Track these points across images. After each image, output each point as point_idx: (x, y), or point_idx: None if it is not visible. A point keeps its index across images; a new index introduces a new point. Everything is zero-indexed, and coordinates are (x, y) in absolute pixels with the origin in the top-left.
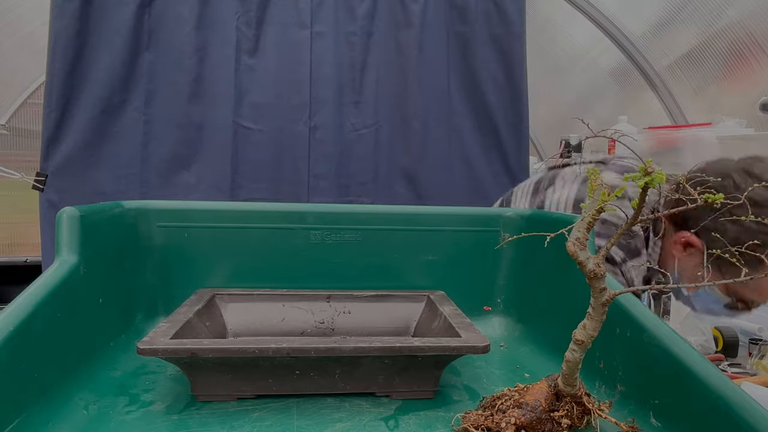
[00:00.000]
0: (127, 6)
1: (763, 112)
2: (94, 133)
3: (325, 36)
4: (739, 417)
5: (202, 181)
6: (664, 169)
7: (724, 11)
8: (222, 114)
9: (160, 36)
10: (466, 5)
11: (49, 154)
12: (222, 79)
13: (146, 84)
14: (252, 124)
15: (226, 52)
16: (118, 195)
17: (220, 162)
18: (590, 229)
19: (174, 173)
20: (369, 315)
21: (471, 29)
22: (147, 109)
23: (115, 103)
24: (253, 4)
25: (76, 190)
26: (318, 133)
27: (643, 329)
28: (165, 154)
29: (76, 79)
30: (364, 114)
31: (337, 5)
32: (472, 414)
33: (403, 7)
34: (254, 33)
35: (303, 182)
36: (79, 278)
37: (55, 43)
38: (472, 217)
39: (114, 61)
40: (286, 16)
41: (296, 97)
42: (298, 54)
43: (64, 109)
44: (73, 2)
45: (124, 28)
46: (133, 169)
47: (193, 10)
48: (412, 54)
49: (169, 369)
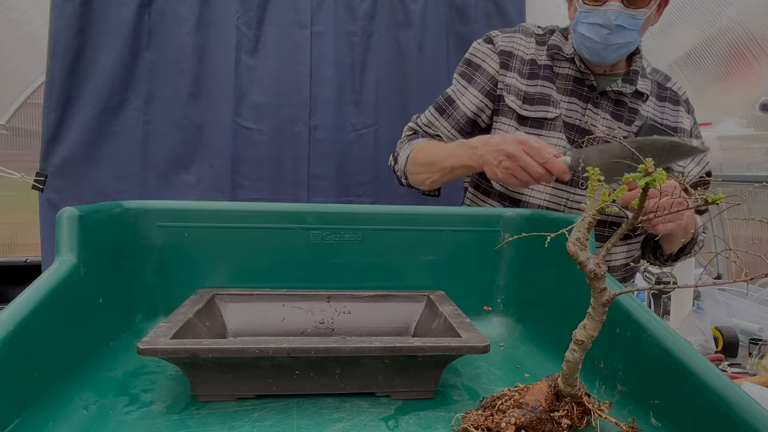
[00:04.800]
0: (127, 6)
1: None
2: (94, 133)
3: (325, 36)
4: (739, 417)
5: (202, 181)
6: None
7: (723, 11)
8: (222, 114)
9: (160, 36)
10: (466, 5)
11: (49, 154)
12: (222, 79)
13: (146, 84)
14: (252, 124)
15: (226, 52)
16: (118, 195)
17: (220, 162)
18: (590, 229)
19: (174, 173)
20: (369, 315)
21: (471, 29)
22: (147, 109)
23: (115, 103)
24: (253, 4)
25: (76, 190)
26: (318, 133)
27: (643, 329)
28: (165, 154)
29: (76, 79)
30: (364, 114)
31: (337, 5)
32: (472, 414)
33: (403, 7)
34: (254, 33)
35: (303, 182)
36: (78, 278)
37: (55, 43)
38: (472, 217)
39: (114, 61)
40: (286, 16)
41: (296, 97)
42: (298, 54)
43: (64, 109)
44: (73, 2)
45: (124, 28)
46: (133, 169)
47: (193, 10)
48: (412, 54)
49: (169, 369)
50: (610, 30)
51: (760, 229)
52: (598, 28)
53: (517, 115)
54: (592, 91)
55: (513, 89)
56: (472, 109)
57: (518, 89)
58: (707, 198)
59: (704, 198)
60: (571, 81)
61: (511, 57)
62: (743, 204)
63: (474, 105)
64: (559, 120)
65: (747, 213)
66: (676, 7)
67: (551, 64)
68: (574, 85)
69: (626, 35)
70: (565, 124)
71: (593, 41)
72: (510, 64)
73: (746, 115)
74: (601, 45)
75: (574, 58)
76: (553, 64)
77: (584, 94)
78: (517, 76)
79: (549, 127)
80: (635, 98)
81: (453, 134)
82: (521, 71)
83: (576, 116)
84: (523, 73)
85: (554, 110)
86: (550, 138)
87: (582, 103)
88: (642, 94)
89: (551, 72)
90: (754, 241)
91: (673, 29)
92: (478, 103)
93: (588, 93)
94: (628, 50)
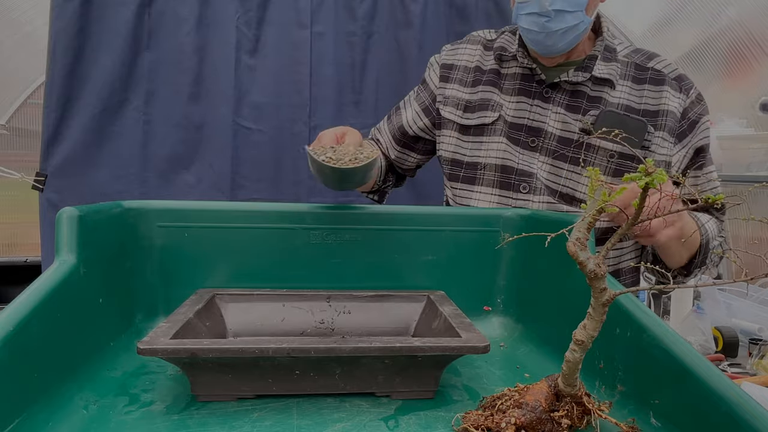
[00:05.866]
0: (127, 6)
1: (763, 112)
2: (94, 133)
3: (325, 36)
4: (739, 417)
5: (202, 181)
6: None
7: (724, 11)
8: (222, 114)
9: (160, 36)
10: (466, 5)
11: (49, 154)
12: (222, 79)
13: (146, 84)
14: (252, 124)
15: (226, 52)
16: (118, 195)
17: (219, 162)
18: (590, 229)
19: (174, 173)
20: (369, 315)
21: (471, 29)
22: (147, 109)
23: (115, 103)
24: (253, 4)
25: (76, 190)
26: (318, 133)
27: (643, 329)
28: (165, 154)
29: (76, 79)
30: (364, 114)
31: (337, 5)
32: (472, 414)
33: (403, 7)
34: (254, 33)
35: (303, 182)
36: (78, 278)
37: (55, 43)
38: (472, 217)
39: (114, 61)
40: (286, 16)
41: (296, 97)
42: (298, 54)
43: (64, 109)
44: (73, 2)
45: (124, 28)
46: (133, 169)
47: (193, 10)
48: (412, 54)
49: (169, 369)
50: (548, 17)
51: (760, 229)
52: (536, 17)
53: (458, 126)
54: (541, 86)
55: (452, 100)
56: (407, 118)
57: (459, 99)
58: (707, 198)
59: (704, 198)
60: (518, 79)
61: (451, 69)
62: (743, 204)
63: (409, 116)
64: (499, 123)
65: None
66: (676, 7)
67: (497, 67)
68: (522, 83)
69: (569, 18)
70: (512, 126)
71: (534, 32)
72: (450, 75)
73: (746, 115)
74: (543, 34)
75: (516, 55)
76: (500, 66)
77: (533, 90)
78: (458, 86)
79: (489, 132)
80: (598, 85)
81: (388, 139)
82: (463, 80)
83: (524, 115)
84: (466, 82)
85: (492, 114)
86: (491, 143)
87: (529, 100)
88: (606, 80)
89: (497, 75)
90: (754, 241)
91: (673, 29)
92: (413, 115)
93: (536, 88)
94: (576, 33)
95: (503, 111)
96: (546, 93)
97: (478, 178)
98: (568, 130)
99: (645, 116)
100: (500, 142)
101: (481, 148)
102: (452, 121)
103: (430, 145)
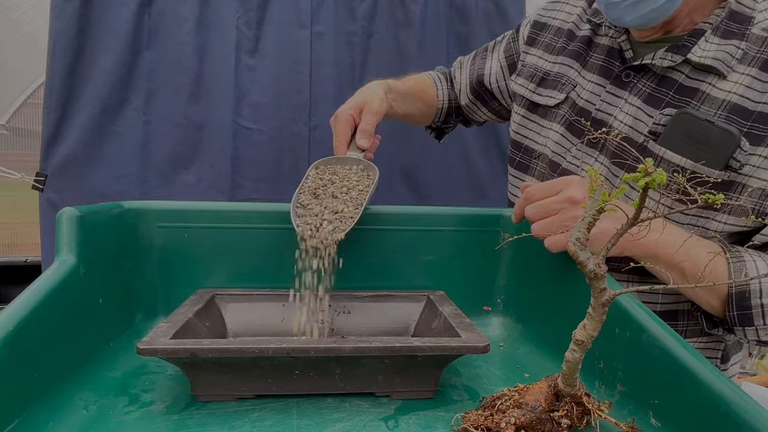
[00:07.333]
0: (127, 6)
1: None
2: (94, 133)
3: (325, 36)
4: (739, 417)
5: (202, 181)
6: None
7: None
8: (222, 114)
9: (160, 36)
10: (466, 5)
11: (49, 154)
12: (222, 79)
13: (146, 84)
14: (252, 124)
15: (226, 52)
16: (118, 195)
17: (219, 162)
18: (590, 229)
19: (174, 173)
20: (369, 315)
21: (471, 29)
22: (147, 109)
23: (115, 103)
24: (253, 4)
25: (76, 190)
26: (318, 133)
27: (643, 329)
28: (165, 154)
29: (76, 79)
30: None
31: (337, 5)
32: (472, 414)
33: (403, 7)
34: (254, 33)
35: None
36: (78, 278)
37: (55, 43)
38: (472, 217)
39: (114, 61)
40: (286, 16)
41: (296, 97)
42: (298, 54)
43: (64, 109)
44: (73, 2)
45: (124, 28)
46: (133, 169)
47: (193, 10)
48: (412, 54)
49: (169, 369)
50: None
51: None
52: None
53: (527, 102)
54: (624, 66)
55: (527, 70)
56: (489, 68)
57: (537, 69)
58: (707, 198)
59: (704, 198)
60: (604, 53)
61: (542, 30)
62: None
63: (493, 68)
64: (563, 107)
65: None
66: None
67: (590, 35)
68: (606, 59)
69: None
70: (581, 111)
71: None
72: (538, 38)
73: None
74: (603, 3)
75: (603, 23)
76: (595, 33)
77: (615, 70)
78: (542, 52)
79: (551, 116)
80: (699, 73)
81: (465, 82)
82: (550, 46)
83: (594, 99)
84: (553, 48)
85: (558, 95)
86: (550, 130)
87: (606, 82)
88: (712, 68)
89: (586, 45)
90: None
91: None
92: (496, 68)
93: (618, 68)
94: (654, 5)
95: (576, 92)
96: (626, 76)
97: (532, 167)
98: (636, 129)
99: (759, 122)
100: (557, 131)
101: (541, 133)
102: (521, 96)
103: (506, 111)
